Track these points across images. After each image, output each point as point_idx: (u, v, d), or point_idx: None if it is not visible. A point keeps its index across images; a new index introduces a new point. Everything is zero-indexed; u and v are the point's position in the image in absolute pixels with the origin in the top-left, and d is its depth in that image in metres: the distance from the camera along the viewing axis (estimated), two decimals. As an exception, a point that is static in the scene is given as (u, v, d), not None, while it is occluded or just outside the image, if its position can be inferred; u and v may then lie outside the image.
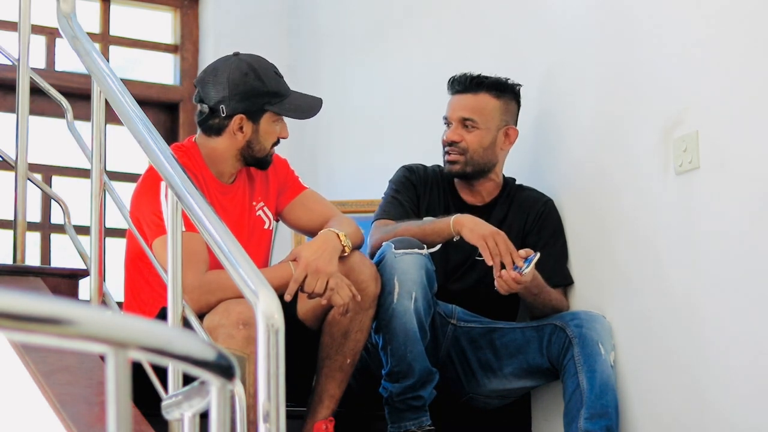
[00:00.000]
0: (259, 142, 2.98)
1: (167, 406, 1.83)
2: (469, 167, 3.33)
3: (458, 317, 3.26)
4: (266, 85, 2.95)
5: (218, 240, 2.18)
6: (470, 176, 3.35)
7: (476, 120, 3.31)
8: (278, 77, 3.00)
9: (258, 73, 2.95)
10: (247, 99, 2.94)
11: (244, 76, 2.94)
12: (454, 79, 3.37)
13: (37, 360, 2.49)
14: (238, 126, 2.95)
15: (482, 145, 3.32)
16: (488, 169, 3.35)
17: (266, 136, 2.99)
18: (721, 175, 2.85)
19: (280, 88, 2.98)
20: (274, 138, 3.01)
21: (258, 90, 2.94)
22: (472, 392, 3.27)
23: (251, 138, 2.97)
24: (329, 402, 2.96)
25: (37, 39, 4.35)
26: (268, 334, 1.92)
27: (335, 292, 2.82)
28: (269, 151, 3.02)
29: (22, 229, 2.98)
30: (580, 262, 3.28)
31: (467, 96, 3.33)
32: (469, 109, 3.32)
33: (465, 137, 3.31)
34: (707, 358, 2.87)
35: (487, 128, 3.32)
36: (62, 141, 3.45)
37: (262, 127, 2.97)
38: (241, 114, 2.94)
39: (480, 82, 3.33)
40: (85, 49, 2.74)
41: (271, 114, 2.97)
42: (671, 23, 3.03)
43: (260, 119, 2.97)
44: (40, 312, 1.00)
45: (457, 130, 3.32)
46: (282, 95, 2.98)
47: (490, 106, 3.33)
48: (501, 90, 3.34)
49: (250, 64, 2.97)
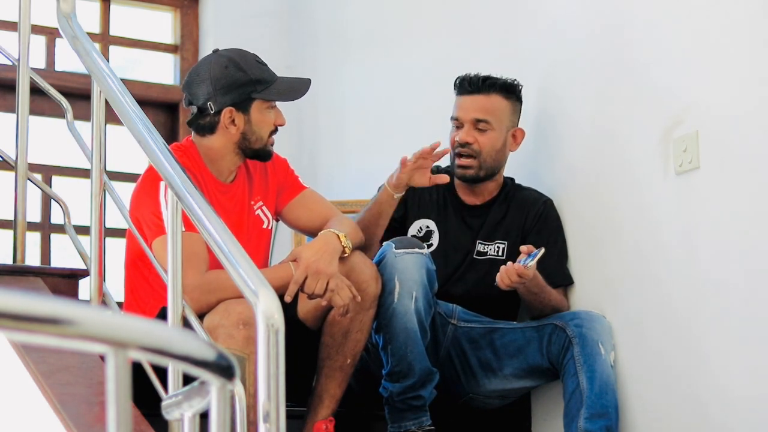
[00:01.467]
0: (254, 132, 2.97)
1: (167, 406, 1.83)
2: (483, 171, 3.31)
3: (458, 317, 3.26)
4: (248, 74, 2.95)
5: (218, 240, 2.18)
6: (482, 180, 3.34)
7: (490, 121, 3.29)
8: (261, 65, 3.00)
9: (238, 64, 2.95)
10: (231, 91, 2.93)
11: (225, 69, 2.94)
12: (463, 79, 3.34)
13: (37, 360, 2.48)
14: (229, 119, 2.94)
15: (495, 148, 3.30)
16: (497, 171, 3.35)
17: (260, 125, 2.98)
18: (721, 175, 2.85)
19: (263, 75, 2.97)
20: (269, 126, 2.99)
21: (241, 80, 2.94)
22: (472, 392, 3.27)
23: (245, 129, 2.96)
24: (329, 402, 2.96)
25: (37, 39, 4.34)
26: (268, 334, 1.92)
27: (335, 293, 2.82)
28: (267, 140, 3.00)
29: (22, 229, 2.98)
30: (580, 262, 3.28)
31: (480, 97, 3.31)
32: (483, 110, 3.29)
33: (478, 139, 3.28)
34: (707, 358, 2.87)
35: (499, 129, 3.31)
36: (62, 141, 3.44)
37: (253, 116, 2.97)
38: (229, 107, 2.94)
39: (493, 83, 3.31)
40: (85, 49, 2.74)
41: (260, 102, 2.97)
42: (671, 23, 3.03)
43: (250, 109, 2.96)
44: (40, 312, 1.00)
45: (470, 131, 3.29)
46: (267, 81, 2.97)
47: (502, 107, 3.32)
48: (510, 91, 3.33)
49: (230, 57, 2.97)
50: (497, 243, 3.34)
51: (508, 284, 3.04)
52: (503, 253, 3.32)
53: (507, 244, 3.32)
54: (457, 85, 3.35)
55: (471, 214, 3.37)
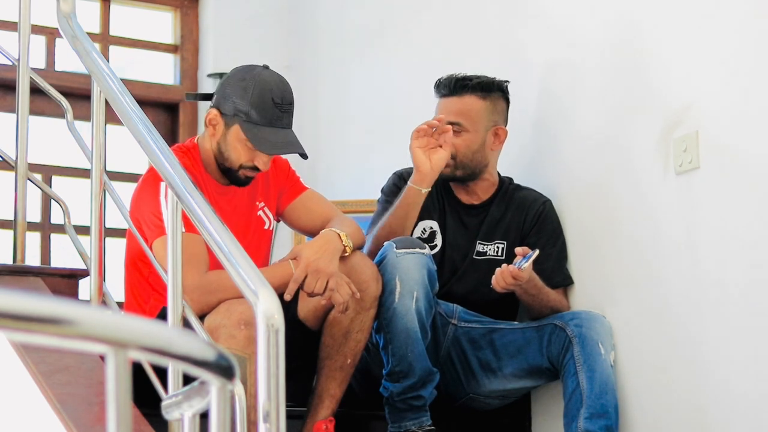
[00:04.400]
0: (227, 151, 2.93)
1: (167, 406, 1.83)
2: (459, 171, 3.31)
3: (459, 317, 3.26)
4: (248, 102, 2.89)
5: (218, 240, 2.18)
6: (461, 179, 3.34)
7: (462, 123, 3.27)
8: (275, 107, 2.90)
9: (253, 88, 2.90)
10: (228, 100, 2.92)
11: (242, 81, 2.92)
12: (439, 81, 3.33)
13: (37, 360, 2.48)
14: (211, 118, 2.94)
15: (471, 149, 3.29)
16: (480, 171, 3.34)
17: (233, 148, 2.91)
18: (721, 175, 2.85)
19: (263, 114, 2.89)
20: (242, 157, 2.91)
21: (239, 99, 2.90)
22: (472, 392, 3.27)
23: (220, 140, 2.94)
24: (330, 402, 2.96)
25: (37, 39, 4.34)
26: (268, 334, 1.92)
27: (335, 292, 2.82)
28: (237, 169, 2.92)
29: (22, 229, 2.98)
30: (580, 262, 3.28)
31: (452, 99, 3.30)
32: (454, 112, 3.28)
33: (453, 142, 3.27)
34: (707, 358, 2.87)
35: (475, 131, 3.29)
36: (62, 141, 3.45)
37: (230, 135, 2.92)
38: (216, 108, 2.93)
39: (464, 84, 3.29)
40: (85, 49, 2.74)
41: (239, 130, 2.90)
42: (671, 23, 3.03)
43: (230, 127, 2.92)
44: (40, 312, 1.00)
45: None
46: (257, 122, 2.89)
47: (476, 107, 3.29)
48: (487, 90, 3.31)
49: (262, 78, 2.92)
50: (496, 243, 3.34)
51: (503, 286, 3.04)
52: (502, 253, 3.32)
53: (506, 244, 3.32)
54: (435, 88, 3.35)
55: (468, 213, 3.37)
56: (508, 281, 3.02)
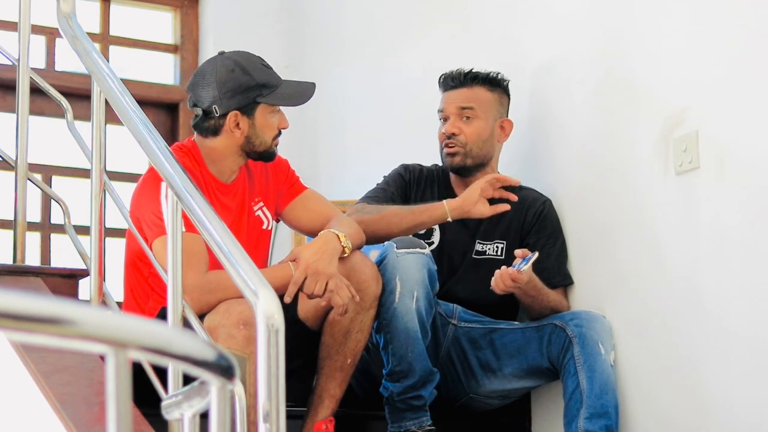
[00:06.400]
0: (258, 136, 2.98)
1: (167, 406, 1.83)
2: (469, 159, 3.34)
3: (459, 317, 3.26)
4: (254, 78, 2.95)
5: (218, 240, 2.18)
6: (470, 169, 3.35)
7: (475, 108, 3.33)
8: (266, 68, 3.00)
9: (244, 68, 2.95)
10: (237, 95, 2.93)
11: (231, 72, 2.94)
12: (446, 75, 3.39)
13: (37, 360, 2.48)
14: (234, 123, 2.94)
15: (481, 137, 3.33)
16: (486, 162, 3.36)
17: (264, 129, 2.98)
18: (721, 175, 2.85)
19: (269, 79, 2.97)
20: (273, 130, 3.00)
21: (247, 84, 2.94)
22: (472, 392, 3.27)
23: (249, 133, 2.96)
24: (330, 402, 2.96)
25: (37, 39, 4.34)
26: (268, 334, 1.92)
27: (335, 294, 2.82)
28: (271, 143, 3.01)
29: (22, 229, 2.98)
30: (580, 262, 3.28)
31: (463, 90, 3.36)
32: (467, 99, 3.34)
33: (464, 129, 3.32)
34: (707, 358, 2.87)
35: (485, 118, 3.34)
36: (62, 141, 3.44)
37: (258, 120, 2.97)
38: (234, 111, 2.94)
39: (474, 76, 3.36)
40: (85, 49, 2.74)
41: (264, 106, 2.97)
42: (671, 22, 3.03)
43: (255, 113, 2.96)
44: (40, 312, 1.00)
45: (455, 122, 3.33)
46: (272, 86, 2.97)
47: (487, 98, 3.36)
48: (494, 84, 3.38)
49: (236, 60, 2.97)
50: (496, 242, 3.34)
51: (502, 288, 3.05)
52: (502, 253, 3.32)
53: (506, 243, 3.32)
54: (441, 83, 3.39)
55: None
56: (507, 283, 3.02)
